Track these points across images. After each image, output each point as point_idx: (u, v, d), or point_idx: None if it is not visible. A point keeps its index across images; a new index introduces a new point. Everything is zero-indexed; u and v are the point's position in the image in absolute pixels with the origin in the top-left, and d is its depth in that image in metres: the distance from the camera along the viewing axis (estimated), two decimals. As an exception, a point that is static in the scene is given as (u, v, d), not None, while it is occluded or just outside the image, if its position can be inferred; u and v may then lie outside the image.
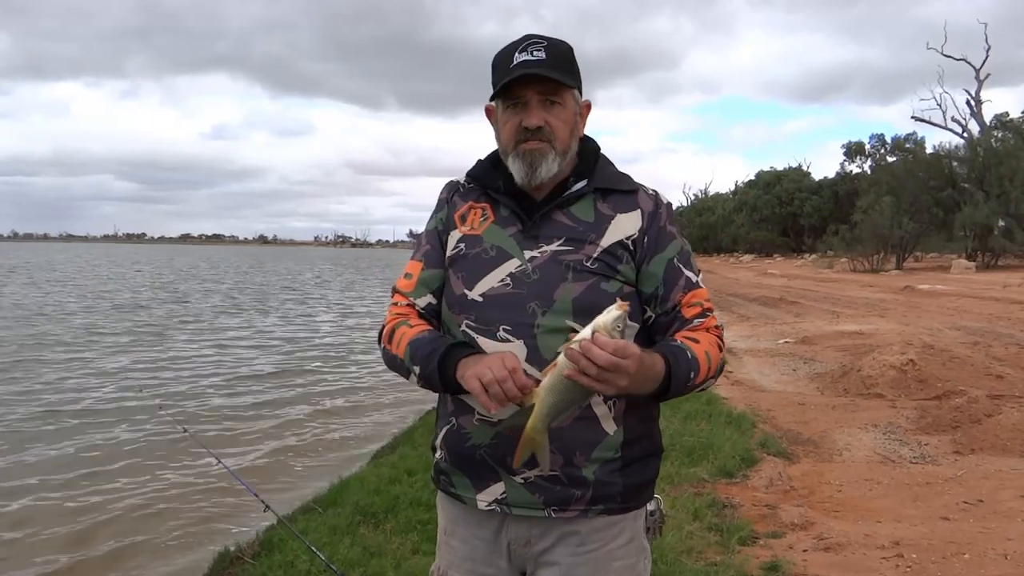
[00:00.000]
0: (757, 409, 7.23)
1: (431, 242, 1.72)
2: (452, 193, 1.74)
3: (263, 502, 3.43)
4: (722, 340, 1.64)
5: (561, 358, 1.38)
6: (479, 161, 1.75)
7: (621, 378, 1.34)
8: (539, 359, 1.51)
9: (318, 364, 12.46)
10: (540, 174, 1.59)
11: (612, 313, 1.36)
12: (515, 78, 1.55)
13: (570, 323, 1.49)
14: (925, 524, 4.30)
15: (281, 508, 4.30)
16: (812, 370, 9.76)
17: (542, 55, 1.56)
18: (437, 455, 1.70)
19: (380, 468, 5.64)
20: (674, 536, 3.94)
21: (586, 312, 1.52)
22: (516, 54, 1.57)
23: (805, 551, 3.93)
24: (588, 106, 1.68)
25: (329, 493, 5.12)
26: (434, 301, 1.69)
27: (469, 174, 1.74)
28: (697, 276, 1.65)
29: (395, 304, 1.72)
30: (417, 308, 1.69)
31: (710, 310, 1.64)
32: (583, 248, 1.58)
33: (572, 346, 1.35)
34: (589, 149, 1.69)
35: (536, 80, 1.56)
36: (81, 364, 11.73)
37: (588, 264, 1.56)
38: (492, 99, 1.64)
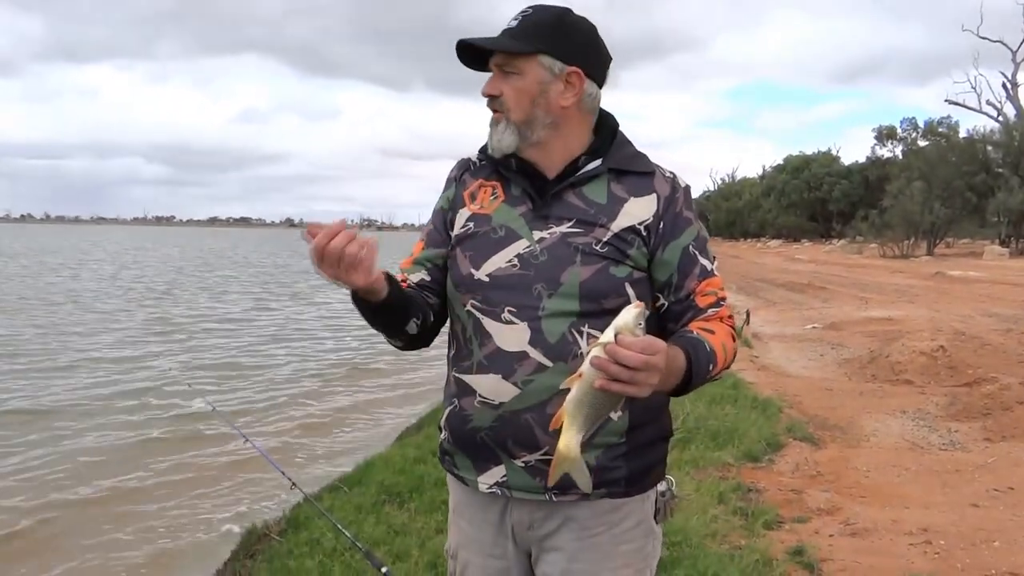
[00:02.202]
0: (783, 394, 7.16)
1: (434, 222, 1.70)
2: (462, 171, 1.70)
3: (290, 480, 3.46)
4: (735, 330, 1.60)
5: (587, 369, 1.28)
6: None
7: (653, 376, 1.27)
8: (543, 342, 1.49)
9: (347, 346, 12.55)
10: (492, 142, 1.58)
11: (631, 312, 1.29)
12: (460, 50, 1.57)
13: (589, 331, 1.46)
14: (954, 511, 4.25)
15: (307, 486, 4.35)
16: (840, 356, 9.66)
17: (515, 24, 1.54)
18: (442, 435, 1.67)
19: (405, 448, 5.67)
20: (699, 520, 3.93)
21: (593, 297, 1.49)
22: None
23: (831, 536, 3.90)
24: (576, 74, 1.55)
25: (355, 472, 5.17)
26: (427, 278, 1.66)
27: (482, 150, 1.69)
28: (712, 264, 1.61)
29: None
30: (409, 283, 1.67)
31: (724, 299, 1.60)
32: (593, 231, 1.53)
33: (596, 353, 1.26)
34: (606, 126, 1.63)
35: (494, 51, 1.55)
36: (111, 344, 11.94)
37: (597, 248, 1.52)
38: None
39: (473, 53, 1.58)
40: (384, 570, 2.66)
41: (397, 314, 1.55)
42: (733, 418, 5.89)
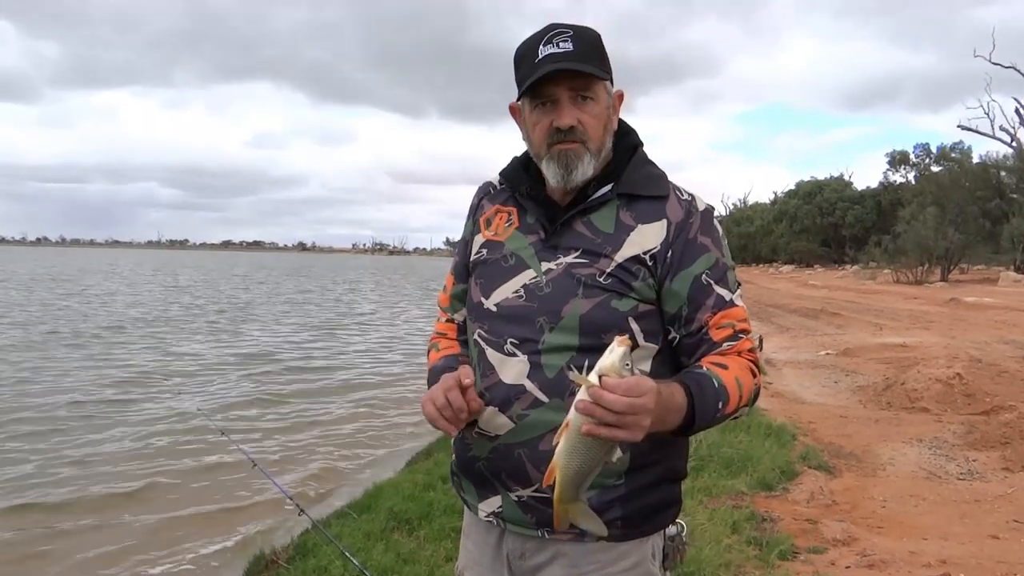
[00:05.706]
0: (797, 421, 7.08)
1: (461, 253, 1.69)
2: (481, 197, 1.68)
3: (298, 506, 3.43)
4: (757, 365, 1.49)
5: (573, 416, 1.22)
6: (514, 158, 1.65)
7: (644, 419, 1.21)
8: (541, 377, 1.45)
9: (357, 372, 12.52)
10: (576, 176, 1.47)
11: (616, 352, 1.22)
12: (544, 75, 1.42)
13: (571, 374, 1.31)
14: (973, 542, 4.16)
15: (316, 512, 4.32)
16: (854, 383, 9.55)
17: (569, 46, 1.43)
18: (453, 457, 1.68)
19: (415, 474, 5.63)
20: (712, 550, 3.86)
21: (593, 331, 1.43)
22: (540, 47, 1.44)
23: (848, 568, 3.82)
24: (620, 96, 1.54)
25: (363, 498, 5.13)
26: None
27: (502, 173, 1.65)
28: (733, 293, 1.50)
29: (438, 320, 1.74)
30: (457, 323, 1.69)
31: (744, 332, 1.48)
32: (597, 262, 1.46)
33: (581, 396, 1.20)
34: (623, 146, 1.55)
35: (566, 76, 1.43)
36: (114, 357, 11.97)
37: (600, 279, 1.45)
38: (518, 97, 1.51)
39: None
40: (391, 600, 2.62)
41: None
42: (746, 445, 5.82)
